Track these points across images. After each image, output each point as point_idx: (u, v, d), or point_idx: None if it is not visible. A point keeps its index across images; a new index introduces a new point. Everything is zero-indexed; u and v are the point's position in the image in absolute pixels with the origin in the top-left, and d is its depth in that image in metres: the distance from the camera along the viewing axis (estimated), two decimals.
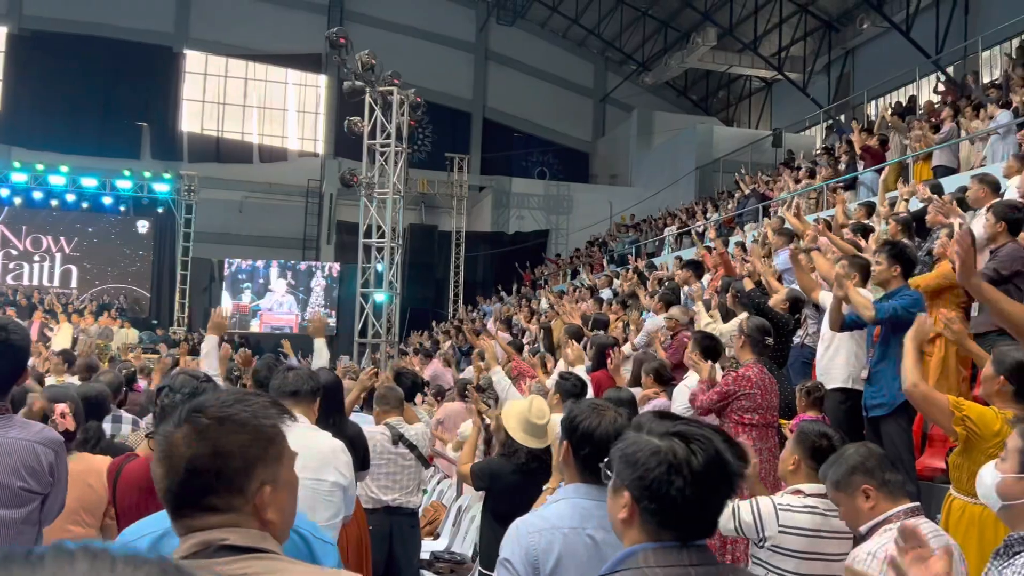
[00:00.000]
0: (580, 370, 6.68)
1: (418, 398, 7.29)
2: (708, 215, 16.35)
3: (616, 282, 13.13)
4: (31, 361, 4.80)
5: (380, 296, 15.55)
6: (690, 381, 5.48)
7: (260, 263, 22.97)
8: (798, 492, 3.06)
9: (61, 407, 3.14)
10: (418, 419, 5.30)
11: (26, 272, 22.71)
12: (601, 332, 8.56)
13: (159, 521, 1.99)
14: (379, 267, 15.72)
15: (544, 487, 3.69)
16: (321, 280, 22.86)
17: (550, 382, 6.95)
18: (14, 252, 22.67)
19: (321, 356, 5.29)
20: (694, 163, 23.26)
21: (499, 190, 25.87)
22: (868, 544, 2.52)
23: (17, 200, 22.12)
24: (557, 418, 4.60)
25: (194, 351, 19.13)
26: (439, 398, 9.85)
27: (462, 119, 28.15)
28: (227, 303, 22.71)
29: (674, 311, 7.53)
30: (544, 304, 14.16)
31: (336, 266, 22.88)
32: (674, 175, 23.28)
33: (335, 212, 24.37)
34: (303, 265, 23.37)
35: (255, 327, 22.54)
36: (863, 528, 2.58)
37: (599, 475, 1.70)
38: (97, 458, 3.38)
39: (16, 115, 24.66)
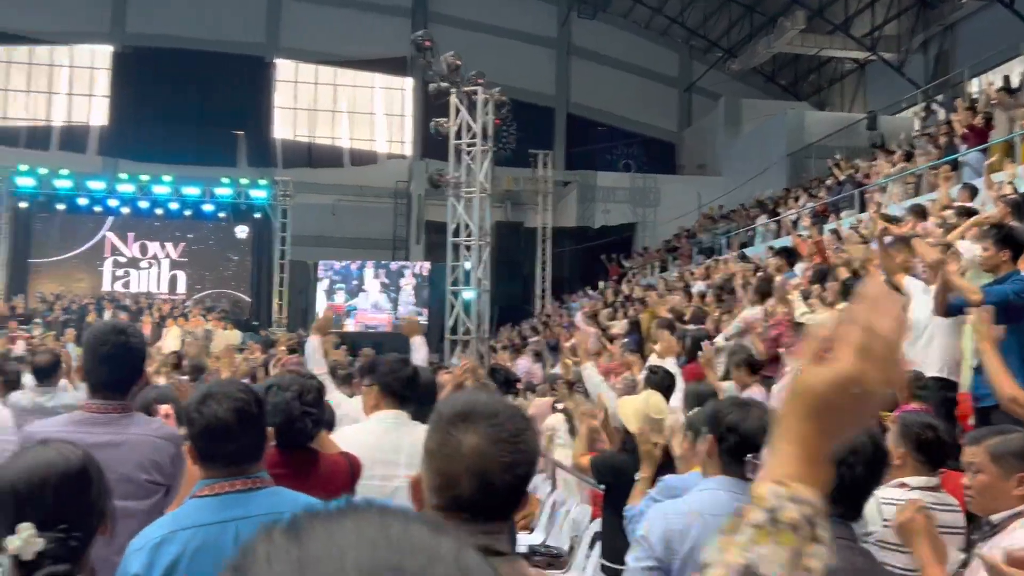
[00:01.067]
0: (670, 363, 6.63)
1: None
2: (801, 203, 15.95)
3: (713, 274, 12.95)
4: None
5: (468, 294, 15.74)
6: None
7: (353, 264, 23.51)
8: (903, 485, 2.98)
9: (164, 408, 3.31)
10: None
11: (134, 279, 23.82)
12: (693, 325, 8.49)
13: (158, 527, 2.07)
14: (467, 265, 15.91)
15: (636, 476, 3.70)
16: (411, 279, 23.23)
17: (640, 375, 6.91)
18: (122, 259, 23.80)
19: (419, 353, 5.35)
20: (785, 150, 22.69)
21: (584, 184, 25.80)
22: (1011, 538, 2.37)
23: (125, 210, 23.22)
24: None
25: (293, 350, 19.73)
26: (529, 393, 9.92)
27: (546, 115, 28.17)
28: (323, 304, 23.34)
29: (770, 302, 7.40)
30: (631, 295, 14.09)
31: (426, 265, 23.23)
32: (764, 163, 22.77)
33: (423, 212, 24.75)
34: (394, 265, 23.81)
35: (350, 326, 23.06)
36: (998, 516, 2.43)
37: (743, 469, 1.74)
38: None
39: (122, 129, 25.95)
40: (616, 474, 4.16)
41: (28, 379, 5.87)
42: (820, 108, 26.50)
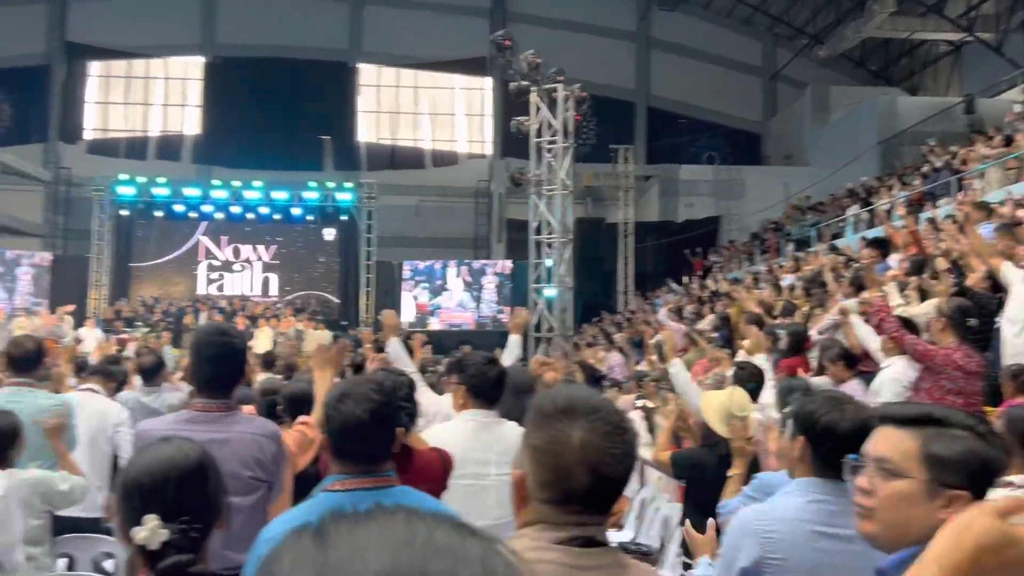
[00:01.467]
0: (760, 359, 6.50)
1: None
2: (894, 191, 15.41)
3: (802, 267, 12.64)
4: None
5: (551, 291, 15.74)
6: (895, 370, 5.20)
7: (436, 263, 23.81)
8: (1009, 484, 2.86)
9: (247, 409, 3.41)
10: None
11: (228, 282, 24.65)
12: (785, 319, 8.30)
13: (291, 519, 2.14)
14: (548, 262, 15.92)
15: (728, 473, 3.66)
16: (493, 278, 23.39)
17: (729, 372, 6.80)
18: (216, 263, 24.67)
19: (513, 351, 5.33)
20: (876, 137, 21.94)
21: (666, 178, 25.50)
22: None
23: (219, 215, 24.07)
24: None
25: (380, 349, 20.10)
26: (616, 390, 9.86)
27: (626, 109, 27.96)
28: (408, 303, 23.71)
29: (865, 294, 7.18)
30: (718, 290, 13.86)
31: (507, 264, 23.35)
32: (854, 151, 22.07)
33: (504, 211, 24.88)
34: (476, 264, 24.01)
35: (434, 325, 23.38)
36: None
37: (837, 471, 1.69)
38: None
39: (214, 137, 26.93)
40: (696, 469, 4.12)
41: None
42: (913, 93, 25.53)
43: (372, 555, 0.55)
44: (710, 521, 2.64)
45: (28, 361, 4.45)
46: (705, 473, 4.02)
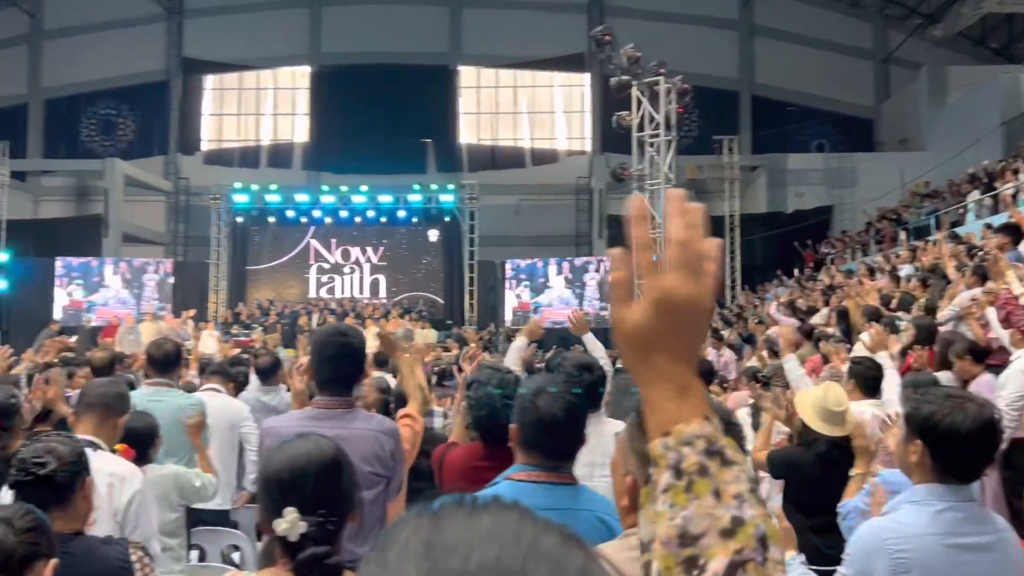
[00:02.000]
0: (882, 356, 6.24)
1: None
2: (1021, 175, 14.54)
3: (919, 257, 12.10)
4: None
5: None
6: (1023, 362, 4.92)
7: (538, 262, 23.89)
8: None
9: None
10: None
11: (337, 284, 25.41)
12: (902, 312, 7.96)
13: None
14: (653, 258, 15.73)
15: (850, 473, 3.53)
16: (595, 274, 23.28)
17: (846, 367, 6.56)
18: (326, 266, 25.45)
19: (598, 348, 5.25)
20: (999, 118, 20.76)
21: (774, 168, 24.80)
22: None
23: (327, 220, 24.87)
24: (852, 406, 4.36)
25: (485, 347, 20.32)
26: (724, 387, 9.66)
27: (729, 99, 27.35)
28: (510, 302, 23.88)
29: (991, 285, 6.81)
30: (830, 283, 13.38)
31: (609, 260, 23.20)
32: (976, 134, 20.92)
33: (605, 207, 24.71)
34: (578, 261, 23.95)
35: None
36: None
37: (961, 475, 1.59)
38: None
39: (322, 145, 27.80)
40: (792, 468, 4.00)
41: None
42: None
43: (478, 546, 0.57)
44: (776, 509, 2.55)
45: (167, 363, 4.70)
46: (801, 472, 3.91)
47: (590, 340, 5.05)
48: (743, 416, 7.39)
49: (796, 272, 18.73)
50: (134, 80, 28.47)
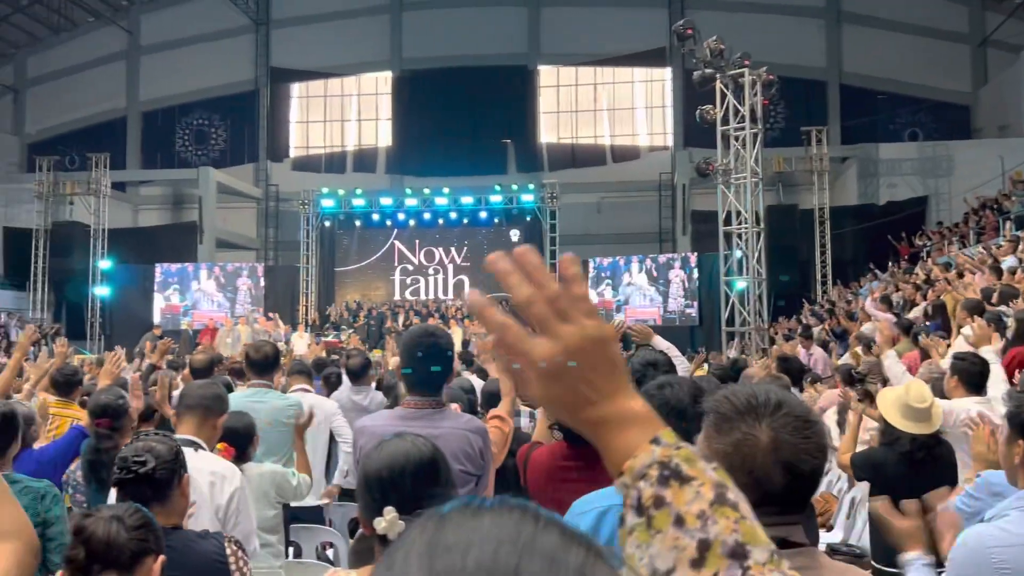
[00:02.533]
0: (987, 351, 5.98)
1: None
2: None
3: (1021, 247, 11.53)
4: None
5: (742, 283, 15.25)
6: None
7: (621, 259, 23.71)
8: None
9: (453, 407, 3.51)
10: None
11: (422, 285, 25.77)
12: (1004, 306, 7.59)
13: (604, 498, 2.16)
14: (738, 253, 15.43)
15: (962, 480, 3.38)
16: (679, 271, 22.97)
17: (945, 363, 6.32)
18: (410, 267, 25.84)
19: (671, 348, 5.14)
20: None
21: (865, 159, 23.98)
22: None
23: (411, 222, 25.26)
24: (956, 403, 4.17)
25: None
26: (815, 385, 9.39)
27: (816, 89, 26.61)
28: (593, 300, 23.74)
29: None
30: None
31: (693, 256, 22.84)
32: None
33: (689, 202, 24.35)
34: (662, 258, 23.68)
35: (618, 320, 23.29)
36: None
37: None
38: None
39: (404, 149, 28.24)
40: (875, 470, 3.84)
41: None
42: None
43: (475, 545, 0.58)
44: (911, 504, 2.43)
45: (265, 365, 4.84)
46: (885, 473, 3.75)
47: (659, 343, 4.99)
48: (830, 416, 7.18)
49: (891, 265, 18.07)
50: (225, 91, 29.50)
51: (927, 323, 9.13)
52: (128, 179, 28.55)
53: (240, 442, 3.61)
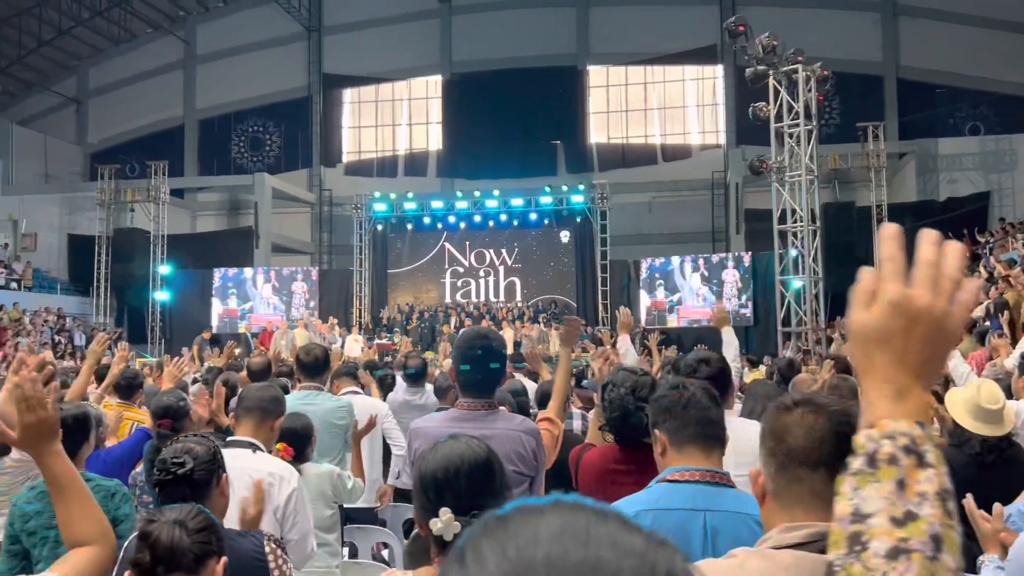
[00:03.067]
0: None
1: None
2: None
3: None
4: None
5: (798, 282, 14.98)
6: None
7: (673, 259, 23.49)
8: None
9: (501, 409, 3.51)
10: None
11: (473, 287, 25.86)
12: None
13: (632, 504, 2.16)
14: (793, 252, 15.16)
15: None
16: (732, 271, 22.67)
17: (1010, 362, 6.16)
18: (461, 270, 25.95)
19: (730, 348, 5.10)
20: None
21: (923, 154, 23.39)
22: None
23: (462, 225, 25.38)
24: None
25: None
26: None
27: (872, 84, 26.04)
28: (644, 301, 23.59)
29: None
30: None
31: (747, 255, 22.53)
32: None
33: (742, 201, 24.02)
34: (715, 257, 23.40)
35: (672, 322, 23.09)
36: None
37: None
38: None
39: (455, 152, 28.40)
40: None
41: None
42: None
43: (543, 541, 0.60)
44: (998, 508, 2.38)
45: (316, 367, 4.95)
46: (954, 475, 3.63)
47: (728, 335, 4.90)
48: None
49: None
50: (278, 97, 30.02)
51: (987, 321, 8.87)
52: (186, 186, 29.21)
53: (298, 443, 3.67)
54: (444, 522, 1.69)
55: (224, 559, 2.06)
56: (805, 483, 1.43)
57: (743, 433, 3.21)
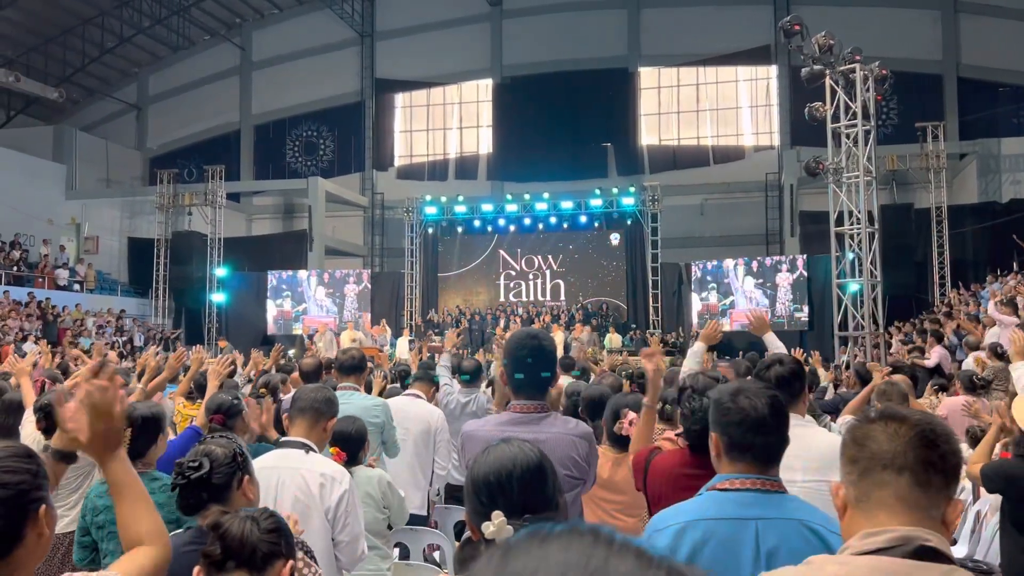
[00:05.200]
0: None
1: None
2: None
3: None
4: None
5: (855, 285, 14.66)
6: None
7: (726, 262, 23.20)
8: None
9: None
10: None
11: (523, 289, 25.87)
12: None
13: (682, 514, 2.12)
14: (850, 255, 14.84)
15: None
16: (787, 274, 22.30)
17: None
18: (512, 272, 25.97)
19: (777, 351, 4.90)
20: None
21: (985, 155, 22.72)
22: None
23: (512, 228, 25.41)
24: None
25: (670, 352, 19.99)
26: (938, 391, 8.93)
27: (932, 83, 25.39)
28: (696, 305, 23.33)
29: None
30: None
31: (802, 258, 22.13)
32: None
33: (797, 203, 23.62)
34: (768, 260, 23.04)
35: (725, 326, 22.79)
36: None
37: None
38: (601, 448, 3.78)
39: (505, 155, 28.45)
40: (1009, 482, 3.59)
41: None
42: None
43: (542, 572, 0.57)
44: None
45: (352, 367, 5.07)
46: (1019, 485, 3.50)
47: (771, 340, 4.79)
48: (955, 422, 6.78)
49: (1016, 266, 17.07)
50: (332, 102, 30.42)
51: None
52: (242, 190, 29.76)
53: (351, 447, 3.68)
54: (496, 526, 1.67)
55: (291, 562, 2.07)
56: (889, 487, 1.41)
57: (812, 440, 3.13)
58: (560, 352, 15.96)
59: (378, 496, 3.74)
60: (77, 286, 24.59)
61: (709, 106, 27.96)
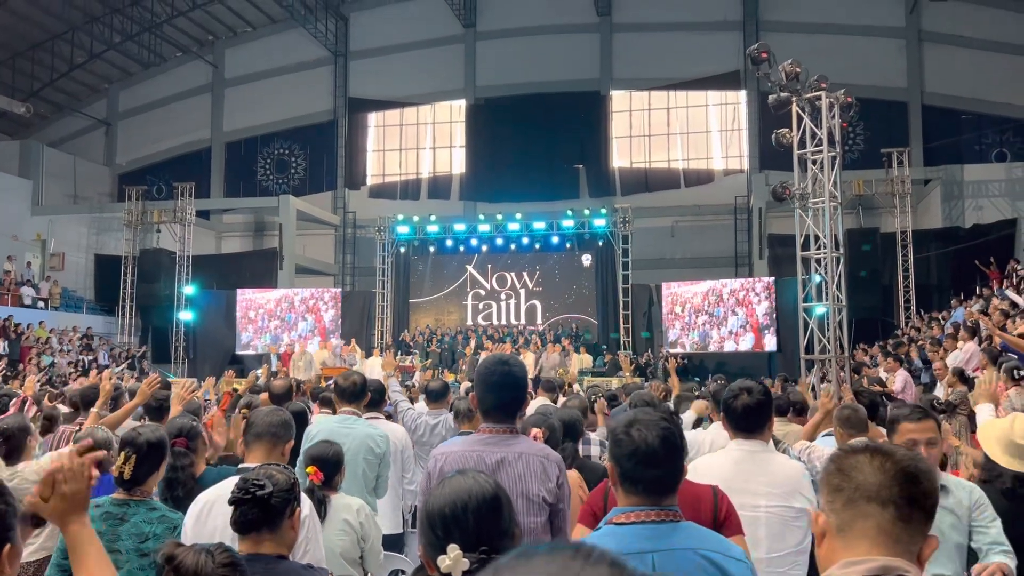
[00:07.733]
0: None
1: None
2: None
3: None
4: None
5: (820, 309, 14.86)
6: None
7: (696, 284, 23.38)
8: None
9: (535, 432, 3.50)
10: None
11: (494, 310, 25.87)
12: None
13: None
14: (817, 278, 15.05)
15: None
16: (756, 296, 22.53)
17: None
18: (482, 292, 25.98)
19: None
20: None
21: (948, 181, 23.20)
22: None
23: (484, 247, 25.45)
24: None
25: (643, 374, 20.08)
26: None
27: (896, 110, 25.92)
28: (666, 325, 23.48)
29: None
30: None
31: (771, 281, 22.40)
32: None
33: (765, 226, 23.93)
34: (737, 283, 23.28)
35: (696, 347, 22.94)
36: None
37: None
38: (571, 473, 3.76)
39: (477, 176, 28.55)
40: None
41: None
42: None
43: None
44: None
45: (354, 393, 5.02)
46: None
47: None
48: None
49: (978, 291, 17.40)
50: (304, 121, 30.37)
51: (1011, 352, 8.75)
52: (212, 207, 29.54)
53: (328, 470, 3.68)
54: (452, 559, 1.66)
55: None
56: (873, 519, 1.42)
57: (775, 466, 3.18)
58: (532, 373, 15.95)
59: (356, 525, 3.70)
60: (41, 303, 24.21)
61: (680, 130, 28.30)
